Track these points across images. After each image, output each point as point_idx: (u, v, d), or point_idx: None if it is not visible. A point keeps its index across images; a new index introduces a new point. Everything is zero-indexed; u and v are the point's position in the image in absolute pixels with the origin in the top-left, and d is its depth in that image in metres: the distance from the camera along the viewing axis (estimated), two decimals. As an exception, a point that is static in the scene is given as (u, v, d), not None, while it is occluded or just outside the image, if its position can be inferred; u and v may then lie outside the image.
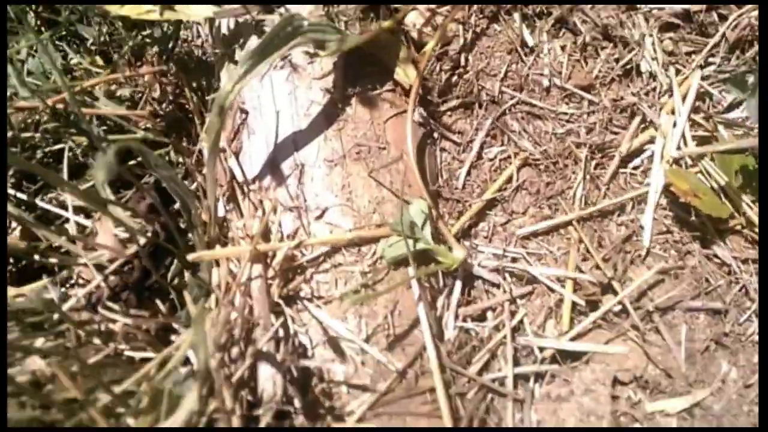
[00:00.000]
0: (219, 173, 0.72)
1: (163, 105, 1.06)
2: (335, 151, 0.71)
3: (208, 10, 0.74)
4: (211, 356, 0.55)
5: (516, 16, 0.83)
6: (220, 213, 0.72)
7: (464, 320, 0.71)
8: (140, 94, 0.99)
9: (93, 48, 1.10)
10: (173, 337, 0.70)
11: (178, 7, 0.75)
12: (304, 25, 0.64)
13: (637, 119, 0.81)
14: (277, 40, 0.62)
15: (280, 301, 0.63)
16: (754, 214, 0.74)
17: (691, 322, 0.74)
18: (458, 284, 0.72)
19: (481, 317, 0.73)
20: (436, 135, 0.81)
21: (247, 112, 0.75)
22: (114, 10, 0.75)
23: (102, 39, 1.10)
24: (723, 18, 0.82)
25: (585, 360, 0.70)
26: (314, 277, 0.67)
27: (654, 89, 0.82)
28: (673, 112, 0.79)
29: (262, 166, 0.72)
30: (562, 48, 0.84)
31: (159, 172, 0.60)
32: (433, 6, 0.81)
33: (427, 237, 0.68)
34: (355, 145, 0.72)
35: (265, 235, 0.67)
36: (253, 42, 0.76)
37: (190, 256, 0.63)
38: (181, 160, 0.99)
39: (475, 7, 0.82)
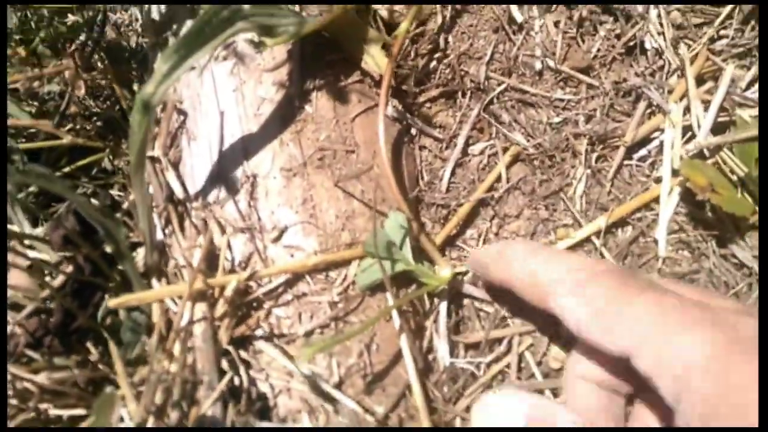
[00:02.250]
0: (155, 188, 0.62)
1: (99, 102, 0.95)
2: (293, 158, 0.62)
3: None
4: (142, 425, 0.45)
5: (501, -12, 0.73)
6: (159, 236, 0.62)
7: (455, 354, 0.63)
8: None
9: (17, 38, 0.99)
10: (109, 389, 0.60)
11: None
12: (245, 9, 0.53)
13: (643, 104, 0.72)
14: (209, 28, 0.52)
15: (230, 348, 0.53)
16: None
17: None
18: (443, 306, 0.63)
19: (475, 346, 0.64)
20: (414, 131, 0.72)
21: (185, 114, 0.65)
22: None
23: (26, 27, 0.98)
24: (738, -17, 0.73)
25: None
26: (273, 312, 0.57)
27: (661, 68, 0.73)
28: (684, 97, 0.70)
29: (206, 178, 0.62)
30: (556, 24, 0.74)
31: (67, 197, 0.50)
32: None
33: (407, 256, 0.59)
34: (317, 149, 0.62)
35: (211, 264, 0.57)
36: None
37: (111, 303, 0.53)
38: (121, 166, 0.89)
39: (453, -22, 0.72)
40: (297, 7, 0.66)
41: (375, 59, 0.65)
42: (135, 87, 0.92)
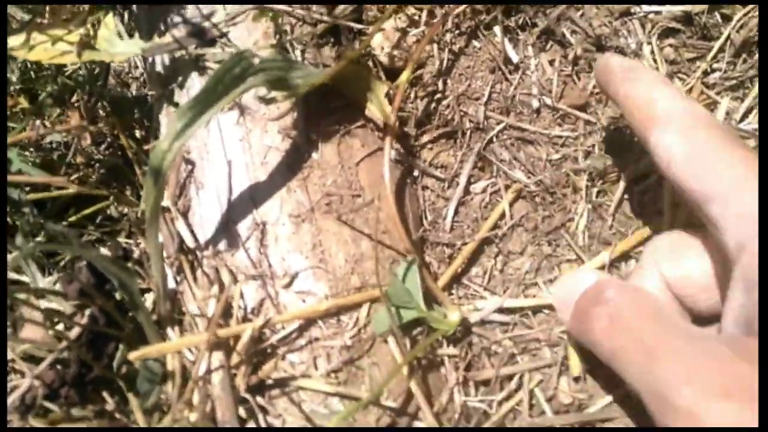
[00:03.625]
0: (166, 238, 0.65)
1: (101, 150, 0.98)
2: (301, 204, 0.65)
3: (135, 46, 0.67)
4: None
5: (497, 29, 0.77)
6: (171, 285, 0.64)
7: (466, 393, 0.65)
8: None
9: (17, 87, 1.02)
10: (125, 437, 0.62)
11: (99, 43, 0.68)
12: (256, 64, 0.57)
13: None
14: (222, 85, 0.55)
15: (248, 396, 0.55)
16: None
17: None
18: (452, 350, 0.66)
19: (486, 383, 0.67)
20: (416, 172, 0.75)
21: (193, 164, 0.68)
22: (21, 54, 0.67)
23: (26, 76, 1.02)
24: (727, 19, 0.77)
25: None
26: (287, 357, 0.60)
27: (657, 103, 0.76)
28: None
29: (216, 227, 0.65)
30: (551, 62, 0.78)
31: (83, 254, 0.53)
32: (403, 22, 0.74)
33: (420, 303, 0.61)
34: (324, 195, 0.65)
35: (226, 311, 0.59)
36: (194, 80, 0.69)
37: (132, 356, 0.55)
38: (126, 212, 0.91)
39: (450, 23, 0.76)
40: (299, 56, 0.70)
41: (379, 107, 0.68)
42: (137, 134, 0.96)
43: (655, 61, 0.76)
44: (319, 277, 0.62)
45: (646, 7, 0.77)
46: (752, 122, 0.76)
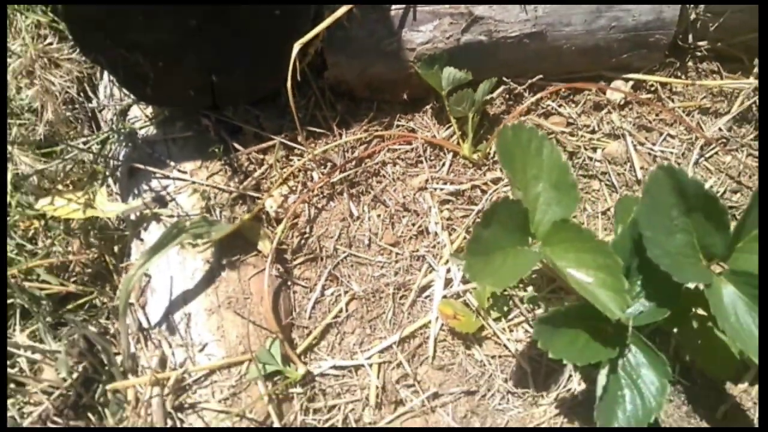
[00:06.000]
0: (130, 321, 1.06)
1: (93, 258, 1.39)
2: (213, 303, 1.07)
3: (119, 207, 1.09)
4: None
5: (345, 195, 1.22)
6: (132, 350, 1.05)
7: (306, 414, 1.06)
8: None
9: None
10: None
11: (96, 204, 1.10)
12: (186, 226, 1.00)
13: (426, 265, 1.19)
14: (165, 240, 0.98)
15: (172, 411, 0.96)
16: (499, 330, 1.13)
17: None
18: (299, 389, 1.07)
19: (318, 410, 1.08)
20: (289, 283, 1.18)
21: (150, 276, 1.10)
22: (49, 210, 1.09)
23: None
24: (484, 192, 1.23)
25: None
26: (198, 392, 1.00)
27: (439, 243, 1.21)
28: (447, 262, 1.19)
29: (161, 315, 1.06)
30: (378, 216, 1.23)
31: (88, 333, 0.94)
32: (285, 191, 1.19)
33: (278, 362, 1.03)
34: (226, 297, 1.08)
35: (163, 364, 1.00)
36: (153, 226, 1.12)
37: (110, 386, 0.96)
38: (105, 301, 1.32)
39: (315, 190, 1.21)
40: (218, 212, 1.13)
41: (265, 245, 1.12)
42: (115, 248, 1.37)
43: (437, 217, 1.22)
44: (220, 346, 1.04)
45: (435, 185, 1.24)
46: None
